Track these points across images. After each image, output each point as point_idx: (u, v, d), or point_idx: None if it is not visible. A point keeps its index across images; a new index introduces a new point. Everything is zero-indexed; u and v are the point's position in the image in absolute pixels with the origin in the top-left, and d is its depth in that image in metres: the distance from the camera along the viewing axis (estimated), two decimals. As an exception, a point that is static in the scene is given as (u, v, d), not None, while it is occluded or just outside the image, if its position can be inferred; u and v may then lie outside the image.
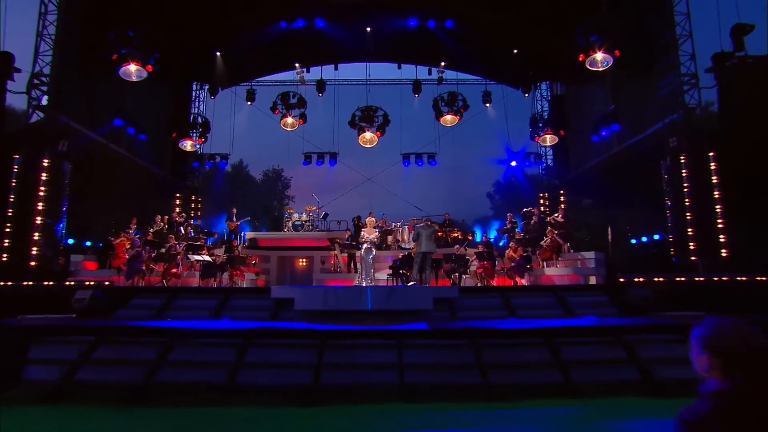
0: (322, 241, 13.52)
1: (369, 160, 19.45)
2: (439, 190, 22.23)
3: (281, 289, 7.55)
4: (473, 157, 21.52)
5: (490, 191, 29.41)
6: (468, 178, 23.82)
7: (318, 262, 13.09)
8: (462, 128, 17.07)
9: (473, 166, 22.61)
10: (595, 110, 13.87)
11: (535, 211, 13.09)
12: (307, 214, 15.36)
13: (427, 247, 8.58)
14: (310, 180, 20.68)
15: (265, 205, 24.76)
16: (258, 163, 28.16)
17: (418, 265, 8.64)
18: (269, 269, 13.45)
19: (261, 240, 14.50)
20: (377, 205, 17.13)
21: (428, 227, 8.94)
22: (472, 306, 7.38)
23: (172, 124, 14.83)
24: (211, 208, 17.25)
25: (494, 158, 18.92)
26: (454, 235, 13.80)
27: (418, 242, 8.63)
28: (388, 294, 6.69)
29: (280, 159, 24.34)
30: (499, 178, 26.34)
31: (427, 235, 8.64)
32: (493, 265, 10.84)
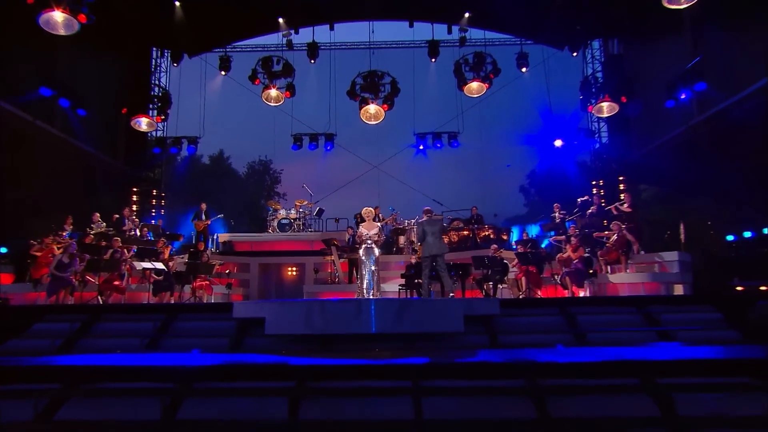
0: (316, 243, 13.06)
1: (374, 141, 19.32)
2: (463, 179, 21.87)
3: (247, 305, 6.54)
4: (505, 136, 20.93)
5: (524, 184, 28.49)
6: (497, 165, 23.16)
7: (310, 271, 12.56)
8: (491, 100, 16.49)
9: (505, 148, 21.93)
10: (667, 71, 12.73)
11: (595, 199, 12.12)
12: (297, 211, 14.82)
13: (436, 248, 7.95)
14: (302, 170, 20.23)
15: (250, 205, 24.49)
16: (241, 153, 28.00)
17: (426, 274, 8.02)
18: (248, 280, 12.97)
19: (238, 243, 14.08)
20: (386, 199, 17.27)
21: (433, 221, 8.21)
22: (521, 326, 6.45)
23: (121, 96, 13.64)
24: (177, 205, 16.82)
25: (532, 137, 18.04)
26: (485, 234, 13.06)
27: (424, 242, 8.06)
28: (400, 309, 5.82)
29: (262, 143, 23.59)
30: (534, 167, 25.24)
31: (434, 232, 8.02)
32: (539, 270, 9.98)
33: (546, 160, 18.37)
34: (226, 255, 13.26)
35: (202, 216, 13.32)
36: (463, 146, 17.42)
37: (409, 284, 10.25)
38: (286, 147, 17.54)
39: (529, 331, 6.39)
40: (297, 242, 13.92)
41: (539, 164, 21.06)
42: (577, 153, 16.61)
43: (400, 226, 13.74)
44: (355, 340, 5.99)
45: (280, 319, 5.98)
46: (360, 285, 7.88)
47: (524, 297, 9.51)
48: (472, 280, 10.14)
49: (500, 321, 6.44)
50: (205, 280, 10.38)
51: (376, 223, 8.28)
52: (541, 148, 17.60)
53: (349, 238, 12.10)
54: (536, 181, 25.70)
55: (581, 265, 9.39)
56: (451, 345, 6.01)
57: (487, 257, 10.02)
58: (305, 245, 13.73)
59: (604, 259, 9.89)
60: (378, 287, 8.06)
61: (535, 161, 22.29)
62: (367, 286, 7.83)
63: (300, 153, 17.87)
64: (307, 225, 15.01)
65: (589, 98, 14.53)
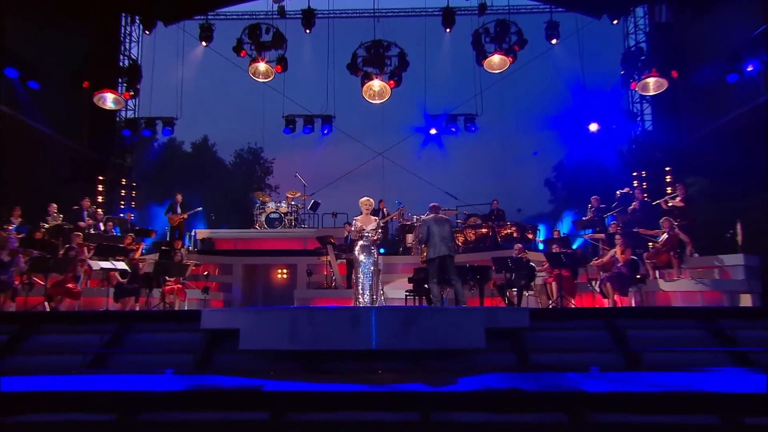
0: (310, 242, 13.00)
1: (379, 125, 19.21)
2: (482, 169, 21.95)
3: (218, 313, 6.11)
4: (530, 119, 20.96)
5: (550, 177, 28.15)
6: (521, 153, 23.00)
7: (303, 274, 12.41)
8: (515, 77, 16.20)
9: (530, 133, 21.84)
10: (728, 40, 12.23)
11: (637, 192, 11.73)
12: (289, 204, 14.84)
13: (444, 249, 7.80)
14: (296, 160, 20.26)
15: (237, 199, 23.91)
16: (227, 140, 27.89)
17: (435, 278, 7.86)
18: (231, 284, 12.87)
19: (219, 241, 13.94)
20: (391, 191, 17.06)
21: (441, 220, 8.06)
22: (556, 343, 5.99)
23: (85, 70, 13.19)
24: (152, 196, 16.79)
25: (562, 120, 17.61)
26: (507, 232, 12.94)
27: (430, 243, 7.91)
28: (406, 320, 5.49)
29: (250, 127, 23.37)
30: (562, 158, 25.06)
31: (443, 234, 7.87)
32: (574, 274, 9.53)
33: (577, 148, 18.01)
34: (205, 254, 13.05)
35: (177, 209, 13.09)
36: (481, 131, 17.03)
37: (418, 290, 9.97)
38: (277, 131, 17.34)
39: (566, 349, 5.89)
40: (288, 240, 13.86)
41: (569, 153, 20.86)
42: (615, 139, 16.15)
43: (408, 222, 13.55)
44: (350, 359, 5.59)
45: (257, 331, 5.58)
46: (356, 290, 7.54)
47: (554, 306, 9.10)
48: (492, 286, 9.92)
49: (530, 336, 6.00)
50: (178, 284, 10.03)
51: (374, 217, 8.02)
52: (572, 134, 17.23)
53: (347, 236, 11.89)
54: (565, 173, 25.28)
55: (626, 269, 8.88)
56: (469, 365, 5.57)
57: (511, 259, 9.69)
58: (297, 244, 13.66)
59: (652, 262, 9.46)
60: (379, 293, 7.76)
61: (564, 150, 22.10)
62: (364, 293, 7.47)
63: (293, 138, 17.68)
64: (300, 220, 14.94)
65: (632, 73, 13.89)
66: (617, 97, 16.05)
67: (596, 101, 15.90)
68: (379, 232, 7.77)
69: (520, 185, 23.60)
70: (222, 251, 13.46)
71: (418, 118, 17.70)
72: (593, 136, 15.86)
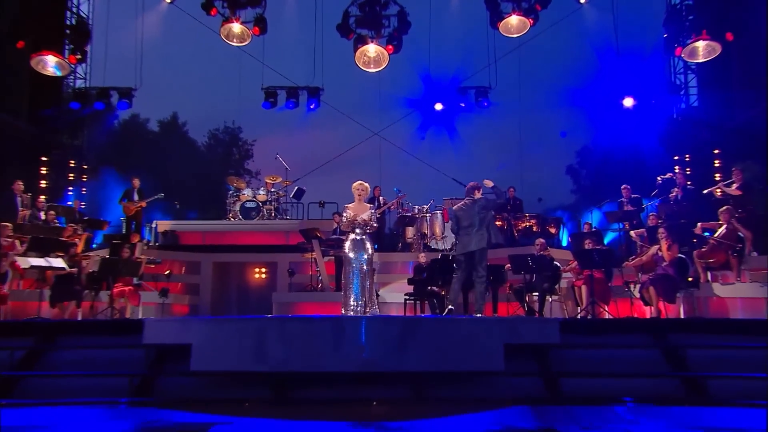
0: (292, 235, 13.12)
1: (375, 99, 18.81)
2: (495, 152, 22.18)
3: (165, 324, 5.84)
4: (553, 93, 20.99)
5: (572, 163, 28.11)
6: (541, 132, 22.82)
7: (284, 273, 12.43)
8: (536, 43, 15.58)
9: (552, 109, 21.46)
10: None
11: (679, 178, 11.38)
12: (268, 191, 14.79)
13: (473, 243, 7.95)
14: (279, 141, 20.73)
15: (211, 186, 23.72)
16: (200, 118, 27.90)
17: (459, 278, 8.11)
18: (198, 285, 12.90)
19: (185, 234, 14.00)
20: (389, 177, 17.08)
21: (473, 205, 8.10)
22: (593, 363, 5.61)
23: (22, 28, 12.73)
24: (107, 182, 16.37)
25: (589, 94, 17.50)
26: (525, 225, 12.93)
27: (459, 236, 8.17)
28: (404, 333, 5.34)
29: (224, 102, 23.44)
30: (588, 141, 25.01)
31: (472, 223, 8.00)
32: (608, 276, 9.31)
33: (607, 129, 17.80)
34: (168, 250, 13.00)
35: (134, 196, 12.93)
36: (495, 107, 16.69)
37: (420, 292, 10.04)
38: (256, 106, 16.98)
39: (608, 373, 5.44)
40: (267, 234, 13.91)
41: (597, 135, 20.79)
42: (653, 117, 15.85)
43: (408, 213, 13.40)
44: (331, 384, 5.24)
45: (214, 348, 5.25)
46: (345, 295, 7.40)
47: (584, 315, 8.78)
48: (508, 290, 9.91)
49: (561, 355, 5.61)
50: (130, 285, 9.84)
51: (370, 205, 7.95)
52: (602, 112, 17.12)
53: (336, 228, 11.98)
54: (590, 159, 25.05)
55: (673, 270, 8.44)
56: (484, 394, 5.20)
57: (531, 257, 9.42)
58: (278, 238, 13.73)
59: (705, 261, 9.00)
60: (373, 298, 7.58)
61: (591, 131, 22.02)
62: (355, 297, 7.33)
63: (274, 114, 17.37)
64: (282, 210, 14.98)
65: (676, 36, 13.51)
66: (657, 66, 15.98)
67: (632, 71, 15.75)
68: (375, 221, 7.64)
69: (541, 171, 24.01)
70: (188, 246, 13.40)
71: (421, 91, 17.87)
72: (627, 114, 15.63)
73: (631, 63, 16.00)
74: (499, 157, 21.40)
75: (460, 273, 8.10)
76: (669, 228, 9.17)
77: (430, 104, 17.06)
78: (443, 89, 16.86)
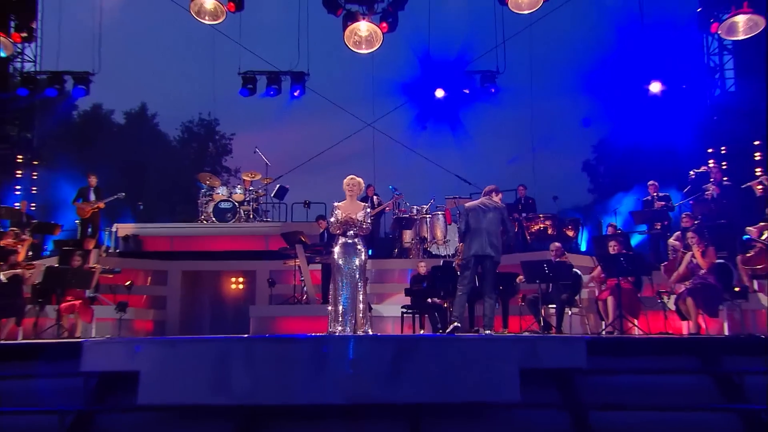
0: (273, 240, 13.13)
1: (368, 85, 18.86)
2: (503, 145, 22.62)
3: (108, 347, 5.55)
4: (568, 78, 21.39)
5: (589, 159, 28.55)
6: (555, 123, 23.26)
7: (263, 284, 12.34)
8: (550, 20, 15.49)
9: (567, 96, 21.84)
10: None
11: (714, 171, 11.40)
12: (246, 190, 14.74)
13: (482, 247, 8.03)
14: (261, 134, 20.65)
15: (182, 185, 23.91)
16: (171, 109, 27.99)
17: (465, 288, 8.09)
18: (165, 298, 12.82)
19: (150, 239, 14.02)
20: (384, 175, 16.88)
21: (486, 207, 8.22)
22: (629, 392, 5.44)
23: None
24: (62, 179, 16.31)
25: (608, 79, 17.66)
26: (538, 228, 12.86)
27: (466, 238, 8.20)
28: (398, 356, 5.20)
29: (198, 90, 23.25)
30: (607, 134, 25.31)
31: (487, 223, 8.10)
32: (638, 285, 9.17)
33: (630, 119, 17.85)
34: (130, 257, 12.98)
35: (90, 195, 12.77)
36: (503, 93, 16.64)
37: (419, 305, 10.07)
38: (233, 94, 17.05)
39: (648, 406, 5.25)
40: (244, 238, 13.93)
41: (618, 126, 20.84)
42: (684, 104, 15.85)
43: (406, 214, 13.45)
44: (311, 419, 5.09)
45: (167, 375, 5.03)
46: (332, 308, 7.29)
47: (610, 331, 8.64)
48: (520, 302, 9.85)
49: (589, 382, 5.38)
50: (81, 298, 9.69)
51: (363, 204, 7.81)
52: (625, 99, 17.12)
53: (323, 232, 12.12)
54: (610, 153, 25.45)
55: (714, 279, 8.26)
56: (496, 430, 5.08)
57: (547, 263, 9.28)
58: (257, 243, 13.76)
59: (750, 268, 8.85)
60: (366, 312, 7.42)
61: (611, 122, 22.09)
62: (344, 311, 7.21)
63: (254, 105, 17.91)
64: (261, 212, 14.99)
65: (712, 10, 13.53)
66: (689, 46, 15.94)
67: (660, 53, 15.79)
68: (369, 222, 7.58)
69: (556, 166, 23.92)
70: (153, 253, 13.31)
71: (420, 76, 17.98)
72: (654, 101, 15.58)
73: (658, 43, 16.00)
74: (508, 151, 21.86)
75: (466, 282, 8.01)
76: (699, 230, 9.12)
77: (430, 91, 17.09)
78: (445, 74, 16.94)
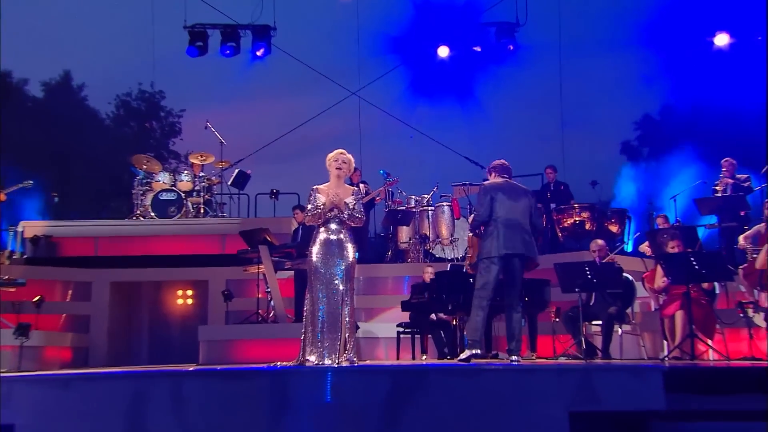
0: (231, 240, 13.01)
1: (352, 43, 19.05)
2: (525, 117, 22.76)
3: None
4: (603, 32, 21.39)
5: (629, 139, 29.00)
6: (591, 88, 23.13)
7: (218, 297, 12.11)
8: None
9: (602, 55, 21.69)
10: None
11: None
12: (195, 177, 14.54)
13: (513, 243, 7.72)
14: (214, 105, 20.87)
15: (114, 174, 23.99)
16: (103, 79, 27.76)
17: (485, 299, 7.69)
18: (88, 318, 12.64)
19: (68, 241, 13.77)
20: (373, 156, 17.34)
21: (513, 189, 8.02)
22: None
23: None
24: None
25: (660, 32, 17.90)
26: (574, 221, 12.87)
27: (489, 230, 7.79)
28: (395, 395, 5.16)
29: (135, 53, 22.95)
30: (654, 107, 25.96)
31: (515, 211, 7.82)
32: (711, 296, 9.08)
33: (686, 83, 18.15)
34: (40, 264, 12.76)
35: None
36: (525, 51, 16.87)
37: (419, 323, 10.15)
38: (179, 56, 17.12)
39: None
40: (193, 238, 13.75)
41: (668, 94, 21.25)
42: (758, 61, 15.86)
43: (401, 207, 13.58)
44: None
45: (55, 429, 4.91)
46: (307, 328, 7.07)
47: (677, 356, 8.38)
48: (552, 317, 9.75)
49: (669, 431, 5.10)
50: None
51: (352, 187, 7.83)
52: (679, 58, 17.40)
53: (297, 228, 12.07)
54: (656, 130, 25.94)
55: None
56: None
57: (590, 266, 9.03)
58: (209, 244, 13.59)
59: None
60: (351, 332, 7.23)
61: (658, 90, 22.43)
62: (320, 332, 6.97)
63: (207, 69, 18.18)
64: (215, 205, 14.80)
65: None
66: None
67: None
68: (362, 210, 7.44)
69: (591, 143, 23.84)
70: (72, 259, 13.11)
71: (416, 30, 18.04)
72: (719, 57, 15.62)
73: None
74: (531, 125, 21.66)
75: (487, 292, 7.52)
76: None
77: (432, 49, 17.19)
78: (450, 26, 16.99)
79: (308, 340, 6.93)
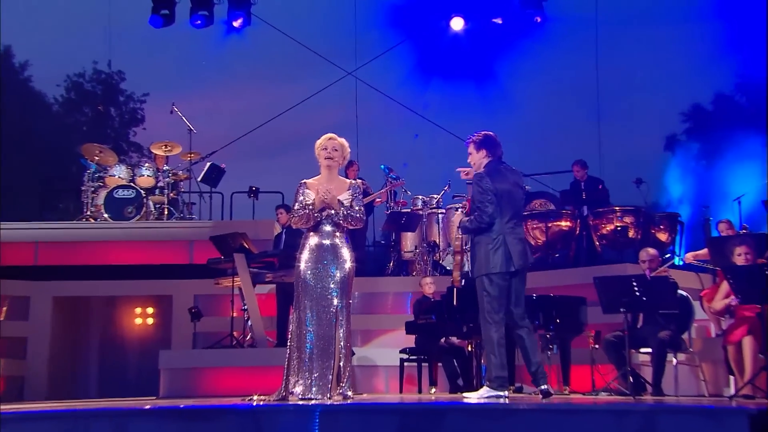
0: (201, 247, 13.25)
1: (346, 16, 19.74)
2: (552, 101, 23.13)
3: None
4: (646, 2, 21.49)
5: (676, 133, 29.20)
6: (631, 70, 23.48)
7: (184, 316, 12.34)
8: None
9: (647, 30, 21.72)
10: None
11: None
12: (157, 171, 14.61)
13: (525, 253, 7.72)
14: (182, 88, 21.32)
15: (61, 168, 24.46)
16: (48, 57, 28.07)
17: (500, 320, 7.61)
18: (25, 341, 12.87)
19: (3, 247, 13.62)
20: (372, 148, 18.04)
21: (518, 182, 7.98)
22: None
23: None
24: None
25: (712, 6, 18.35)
26: (613, 227, 12.96)
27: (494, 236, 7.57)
28: None
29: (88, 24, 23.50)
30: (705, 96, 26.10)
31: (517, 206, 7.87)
32: None
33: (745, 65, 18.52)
34: None
35: None
36: (554, 23, 17.11)
37: (427, 348, 10.20)
38: (142, 27, 17.25)
39: None
40: (154, 245, 13.86)
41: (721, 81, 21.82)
42: None
43: (406, 209, 13.87)
44: None
45: None
46: (292, 355, 6.97)
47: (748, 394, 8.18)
48: (590, 343, 9.71)
49: None
50: None
51: (349, 181, 7.64)
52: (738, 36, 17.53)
53: (280, 233, 12.33)
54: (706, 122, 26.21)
55: None
56: None
57: (639, 280, 8.90)
58: (175, 252, 13.76)
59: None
60: (345, 359, 7.05)
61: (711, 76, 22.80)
62: (309, 360, 6.87)
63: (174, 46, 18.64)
64: (182, 205, 14.87)
65: None
66: None
67: None
68: (362, 210, 7.32)
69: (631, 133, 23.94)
70: (6, 269, 12.93)
71: None
72: None
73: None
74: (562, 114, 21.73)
75: (501, 311, 7.44)
76: None
77: (443, 22, 17.34)
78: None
79: (293, 369, 6.78)
